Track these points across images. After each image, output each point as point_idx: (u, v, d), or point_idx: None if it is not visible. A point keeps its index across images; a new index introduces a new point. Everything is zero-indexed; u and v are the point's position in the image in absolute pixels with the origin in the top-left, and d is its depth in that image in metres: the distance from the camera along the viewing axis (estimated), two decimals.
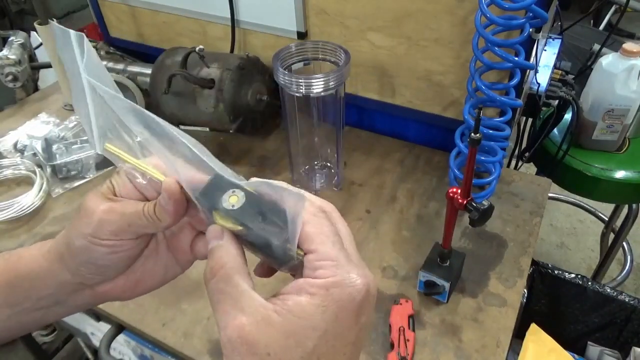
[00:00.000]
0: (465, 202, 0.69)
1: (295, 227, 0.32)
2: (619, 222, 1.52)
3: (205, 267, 0.34)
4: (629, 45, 1.07)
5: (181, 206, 0.37)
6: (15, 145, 1.11)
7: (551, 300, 0.95)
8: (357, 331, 0.32)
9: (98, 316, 0.94)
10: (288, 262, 0.34)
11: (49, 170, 1.03)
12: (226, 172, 0.35)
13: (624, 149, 1.20)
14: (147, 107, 1.32)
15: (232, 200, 0.33)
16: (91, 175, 1.05)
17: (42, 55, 1.30)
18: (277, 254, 0.33)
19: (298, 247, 0.33)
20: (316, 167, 1.01)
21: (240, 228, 0.33)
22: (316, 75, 0.80)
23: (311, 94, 0.82)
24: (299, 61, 0.89)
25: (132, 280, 0.42)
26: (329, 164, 1.02)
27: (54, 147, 1.05)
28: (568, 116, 1.16)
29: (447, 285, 0.75)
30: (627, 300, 0.88)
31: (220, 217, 0.33)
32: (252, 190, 0.33)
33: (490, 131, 0.88)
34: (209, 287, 0.33)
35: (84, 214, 0.38)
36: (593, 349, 0.94)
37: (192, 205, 0.37)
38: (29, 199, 0.97)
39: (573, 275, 0.91)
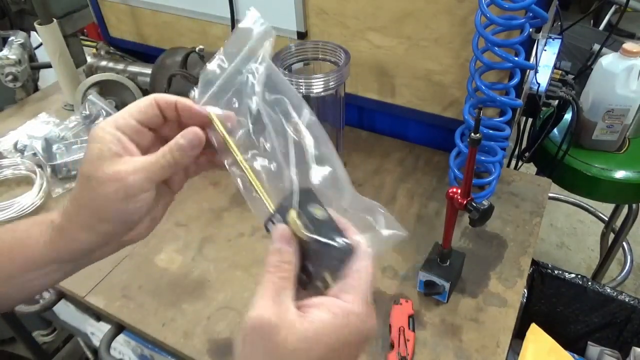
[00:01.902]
0: (465, 202, 0.69)
1: (356, 262, 0.38)
2: (619, 222, 1.52)
3: (270, 257, 0.38)
4: (629, 45, 1.07)
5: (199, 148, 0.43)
6: (15, 145, 1.11)
7: (551, 300, 0.95)
8: (352, 358, 0.37)
9: (98, 316, 0.94)
10: (318, 285, 0.38)
11: (49, 170, 1.03)
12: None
13: (624, 149, 1.20)
14: None
15: (318, 212, 0.39)
16: None
17: (42, 55, 1.30)
18: (318, 272, 0.38)
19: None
20: None
21: (308, 235, 0.38)
22: (316, 75, 0.80)
23: (311, 94, 0.82)
24: (299, 61, 0.89)
25: (150, 219, 0.45)
26: None
27: (54, 147, 1.04)
28: (568, 116, 1.16)
29: (447, 285, 0.75)
30: (627, 300, 0.88)
31: (297, 218, 0.38)
32: (330, 214, 0.39)
33: (490, 131, 0.88)
34: (270, 276, 0.37)
35: (109, 178, 0.40)
36: (593, 349, 0.94)
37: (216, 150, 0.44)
38: (29, 199, 0.97)
39: (573, 275, 0.91)
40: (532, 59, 0.88)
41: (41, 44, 1.25)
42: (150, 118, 0.43)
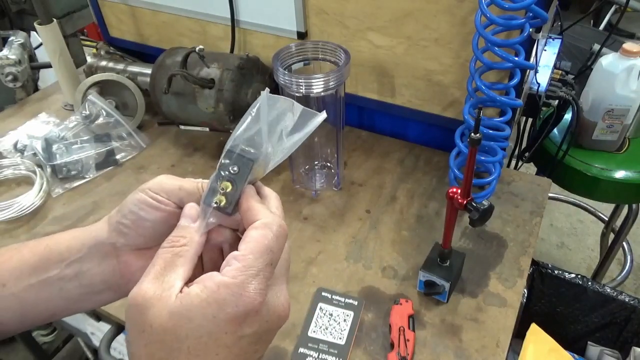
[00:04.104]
0: (465, 202, 0.69)
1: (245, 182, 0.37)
2: (619, 222, 1.52)
3: (172, 233, 0.37)
4: (629, 45, 1.07)
5: None
6: (15, 145, 1.11)
7: (551, 300, 0.95)
8: (237, 339, 0.33)
9: (98, 316, 0.94)
10: (214, 203, 0.37)
11: (49, 170, 1.03)
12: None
13: (624, 149, 1.20)
14: (147, 107, 1.30)
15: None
16: (91, 175, 1.05)
17: (42, 55, 1.30)
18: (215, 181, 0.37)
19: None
20: (316, 167, 1.01)
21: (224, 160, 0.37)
22: (316, 75, 0.80)
23: (311, 94, 0.82)
24: (299, 61, 0.89)
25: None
26: (329, 164, 1.02)
27: (54, 147, 1.05)
28: (568, 116, 1.17)
29: (447, 285, 0.75)
30: (627, 300, 0.88)
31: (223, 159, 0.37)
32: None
33: (490, 131, 0.88)
34: (161, 251, 0.35)
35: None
36: (593, 349, 0.94)
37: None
38: (29, 199, 0.97)
39: (573, 275, 0.91)
40: (532, 59, 0.88)
41: (41, 44, 1.25)
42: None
